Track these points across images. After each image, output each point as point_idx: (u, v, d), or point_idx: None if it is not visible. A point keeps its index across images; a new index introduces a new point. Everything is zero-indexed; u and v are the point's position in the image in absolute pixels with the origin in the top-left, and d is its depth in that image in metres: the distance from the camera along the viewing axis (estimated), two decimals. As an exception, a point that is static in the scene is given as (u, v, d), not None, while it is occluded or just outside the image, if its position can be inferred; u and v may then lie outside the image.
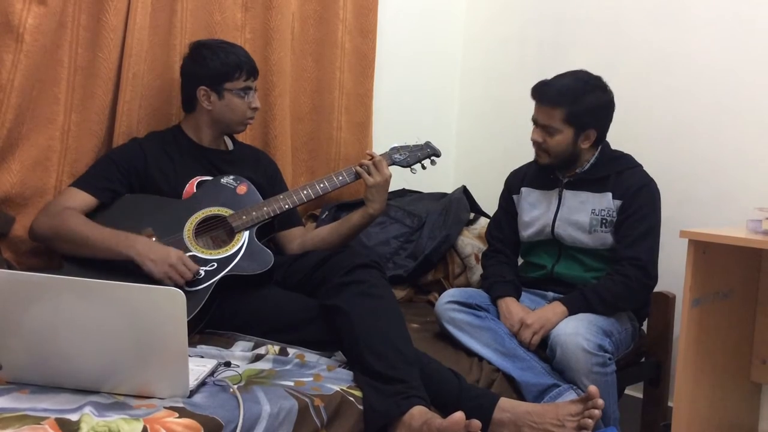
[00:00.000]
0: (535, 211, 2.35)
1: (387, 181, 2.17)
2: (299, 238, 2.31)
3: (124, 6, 2.18)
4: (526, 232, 2.36)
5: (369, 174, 2.15)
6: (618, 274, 2.16)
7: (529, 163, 2.44)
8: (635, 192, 2.21)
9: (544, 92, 2.21)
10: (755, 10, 2.43)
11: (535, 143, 2.26)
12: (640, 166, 2.30)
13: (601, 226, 2.23)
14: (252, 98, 2.22)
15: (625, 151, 2.34)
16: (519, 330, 2.13)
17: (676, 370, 2.13)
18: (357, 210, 2.22)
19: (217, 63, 2.15)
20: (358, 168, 2.17)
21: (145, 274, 1.88)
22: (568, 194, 2.29)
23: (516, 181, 2.45)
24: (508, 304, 2.22)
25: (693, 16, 2.57)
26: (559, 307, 2.14)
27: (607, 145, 2.31)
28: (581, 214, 2.25)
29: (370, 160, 2.18)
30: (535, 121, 2.25)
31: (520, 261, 2.48)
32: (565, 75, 2.23)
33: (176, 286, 1.87)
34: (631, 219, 2.19)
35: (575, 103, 2.17)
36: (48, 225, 1.99)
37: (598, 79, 2.23)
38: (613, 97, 2.24)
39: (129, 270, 1.89)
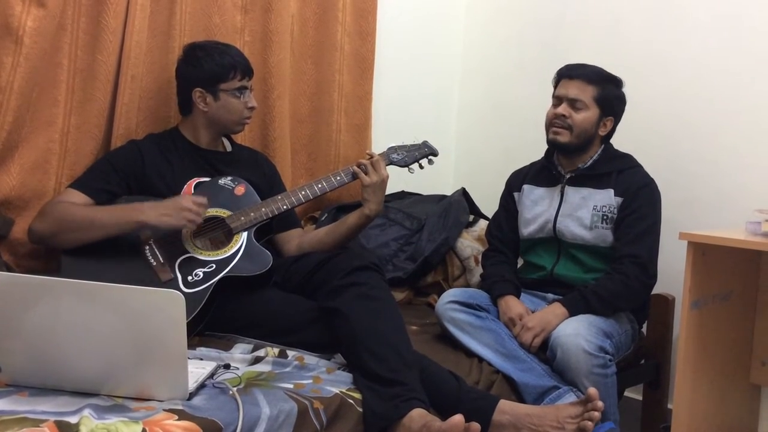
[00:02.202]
0: (537, 207, 2.36)
1: (384, 181, 2.16)
2: (296, 239, 2.31)
3: (123, 9, 2.18)
4: (526, 230, 2.37)
5: (366, 173, 2.15)
6: (617, 272, 2.17)
7: (531, 164, 2.46)
8: (636, 190, 2.23)
9: (578, 69, 2.28)
10: (754, 12, 2.43)
11: (559, 117, 2.26)
12: (641, 166, 2.32)
13: (602, 222, 2.24)
14: (248, 98, 2.21)
15: (625, 153, 2.36)
16: (519, 332, 2.14)
17: (676, 372, 2.13)
18: (354, 211, 2.22)
19: (212, 64, 2.15)
20: (355, 168, 2.16)
21: (144, 265, 1.90)
22: (570, 190, 2.30)
23: (517, 179, 2.46)
24: (508, 301, 2.23)
25: (692, 17, 2.57)
26: (559, 309, 2.14)
27: (611, 145, 2.35)
28: (583, 210, 2.26)
29: (368, 159, 2.18)
30: (560, 97, 2.28)
31: (520, 262, 2.48)
32: (591, 65, 2.31)
33: (174, 284, 1.91)
34: (631, 217, 2.20)
35: (606, 87, 2.26)
36: (48, 221, 1.98)
37: (620, 78, 2.32)
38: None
39: (128, 271, 1.90)
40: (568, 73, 2.28)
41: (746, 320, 2.38)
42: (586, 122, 2.24)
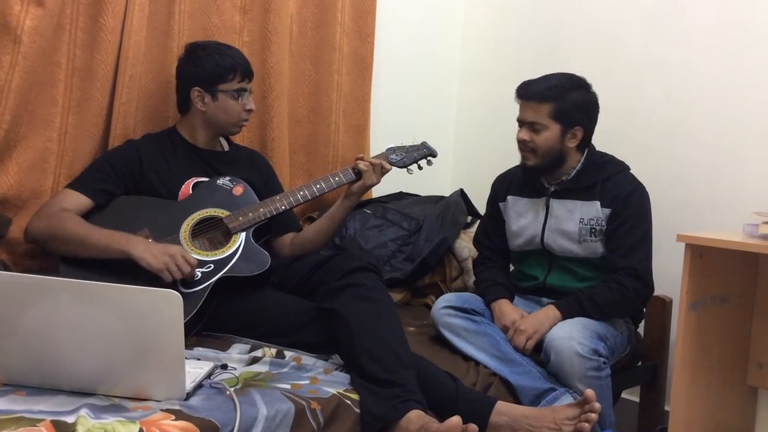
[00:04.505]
0: (523, 220, 2.32)
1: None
2: (288, 245, 2.31)
3: (122, 8, 2.18)
4: (515, 242, 2.34)
5: (368, 175, 2.18)
6: (615, 282, 2.13)
7: (516, 168, 2.38)
8: (624, 199, 2.18)
9: (530, 89, 2.19)
10: (752, 15, 2.43)
11: (522, 142, 2.21)
12: (627, 170, 2.26)
13: (590, 235, 2.20)
14: (246, 100, 2.21)
15: (622, 156, 2.31)
16: (513, 335, 2.13)
17: (673, 374, 2.13)
18: (338, 206, 2.26)
19: (212, 64, 2.15)
20: (362, 167, 2.18)
21: (143, 269, 1.87)
22: (555, 203, 2.26)
23: (502, 188, 2.41)
24: (501, 306, 2.22)
25: (690, 20, 2.57)
26: (552, 311, 2.13)
27: (593, 148, 2.28)
28: (569, 223, 2.22)
29: (360, 160, 2.20)
30: (521, 121, 2.22)
31: (512, 267, 2.47)
32: (549, 75, 2.22)
33: (172, 283, 1.88)
34: (622, 228, 2.16)
35: (562, 99, 2.15)
36: (44, 227, 1.99)
37: (582, 79, 2.22)
38: (597, 99, 2.22)
39: (127, 271, 1.89)
40: (523, 94, 2.20)
41: (743, 322, 2.39)
42: (549, 142, 2.17)
